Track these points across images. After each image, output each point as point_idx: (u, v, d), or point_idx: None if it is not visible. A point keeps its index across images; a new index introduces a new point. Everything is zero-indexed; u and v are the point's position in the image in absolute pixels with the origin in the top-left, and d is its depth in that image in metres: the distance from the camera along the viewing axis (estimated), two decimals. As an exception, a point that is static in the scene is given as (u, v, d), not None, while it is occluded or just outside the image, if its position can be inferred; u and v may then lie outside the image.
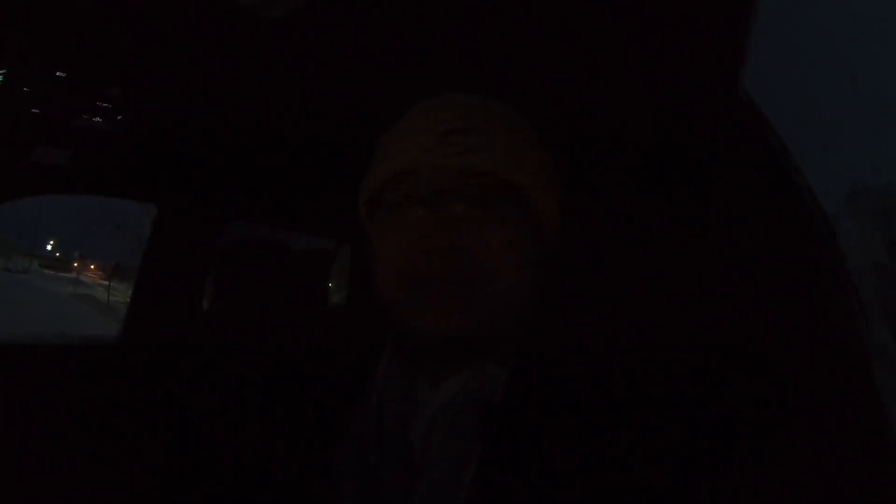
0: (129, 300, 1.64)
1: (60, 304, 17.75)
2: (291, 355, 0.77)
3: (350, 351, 0.72)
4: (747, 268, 0.86)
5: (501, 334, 0.63)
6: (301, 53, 0.97)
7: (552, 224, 0.67)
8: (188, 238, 1.67)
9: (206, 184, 1.60)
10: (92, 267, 46.18)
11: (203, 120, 1.24)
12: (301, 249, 1.79)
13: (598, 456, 0.54)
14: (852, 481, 0.67)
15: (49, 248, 56.45)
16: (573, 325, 0.71)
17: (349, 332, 0.80)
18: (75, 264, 44.45)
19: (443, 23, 0.86)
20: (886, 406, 0.69)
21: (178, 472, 1.27)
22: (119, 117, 1.14)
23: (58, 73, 0.99)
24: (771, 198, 0.81)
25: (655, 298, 0.97)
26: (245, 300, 1.61)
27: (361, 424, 0.64)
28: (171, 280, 1.65)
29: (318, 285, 1.77)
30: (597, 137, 1.02)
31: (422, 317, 0.61)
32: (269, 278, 1.60)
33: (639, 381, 0.58)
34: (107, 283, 24.55)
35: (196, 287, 1.71)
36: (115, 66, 1.01)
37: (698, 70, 0.85)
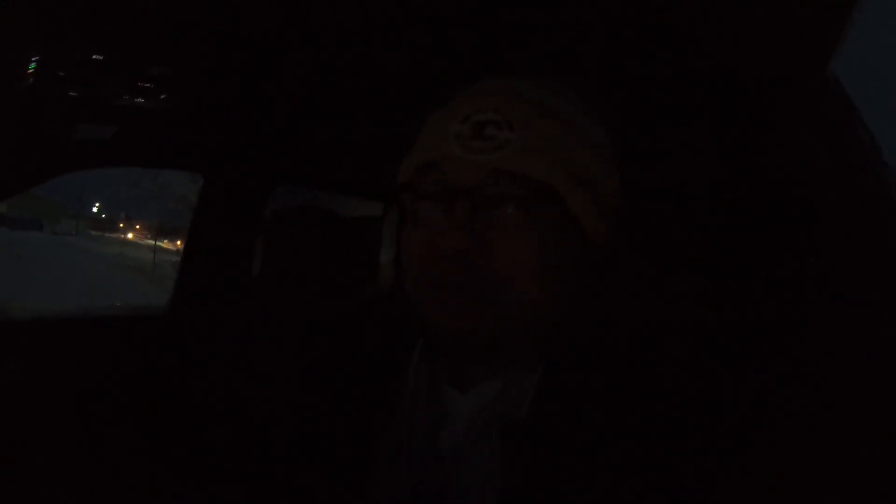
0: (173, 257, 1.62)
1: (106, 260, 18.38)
2: (338, 328, 0.76)
3: (391, 333, 0.70)
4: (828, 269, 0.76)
5: (530, 340, 0.60)
6: (351, 21, 0.92)
7: (593, 224, 0.61)
8: (235, 206, 1.65)
9: (252, 150, 1.58)
10: (137, 227, 47.81)
11: (247, 87, 1.20)
12: (352, 216, 1.74)
13: (629, 477, 0.52)
14: None
15: (95, 209, 58.27)
16: (612, 328, 0.66)
17: (393, 307, 0.76)
18: (121, 224, 46.08)
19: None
20: None
21: (221, 443, 1.24)
22: (162, 96, 1.09)
23: (94, 56, 0.93)
24: (852, 189, 0.71)
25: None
26: (293, 268, 1.57)
27: (395, 427, 0.63)
28: (220, 249, 1.64)
29: (369, 252, 1.72)
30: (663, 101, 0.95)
31: (438, 315, 0.58)
32: (317, 245, 1.55)
33: (680, 395, 0.54)
34: (152, 241, 25.45)
35: (244, 256, 1.70)
36: (156, 46, 0.97)
37: (789, 41, 0.76)
